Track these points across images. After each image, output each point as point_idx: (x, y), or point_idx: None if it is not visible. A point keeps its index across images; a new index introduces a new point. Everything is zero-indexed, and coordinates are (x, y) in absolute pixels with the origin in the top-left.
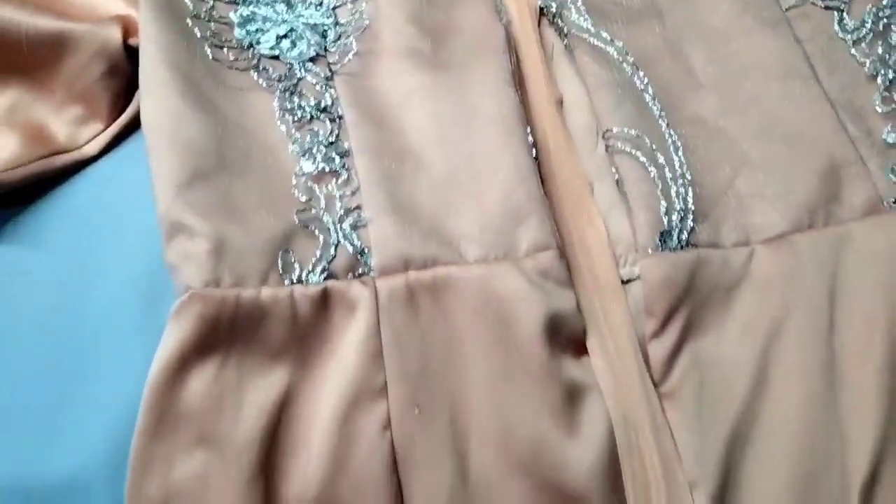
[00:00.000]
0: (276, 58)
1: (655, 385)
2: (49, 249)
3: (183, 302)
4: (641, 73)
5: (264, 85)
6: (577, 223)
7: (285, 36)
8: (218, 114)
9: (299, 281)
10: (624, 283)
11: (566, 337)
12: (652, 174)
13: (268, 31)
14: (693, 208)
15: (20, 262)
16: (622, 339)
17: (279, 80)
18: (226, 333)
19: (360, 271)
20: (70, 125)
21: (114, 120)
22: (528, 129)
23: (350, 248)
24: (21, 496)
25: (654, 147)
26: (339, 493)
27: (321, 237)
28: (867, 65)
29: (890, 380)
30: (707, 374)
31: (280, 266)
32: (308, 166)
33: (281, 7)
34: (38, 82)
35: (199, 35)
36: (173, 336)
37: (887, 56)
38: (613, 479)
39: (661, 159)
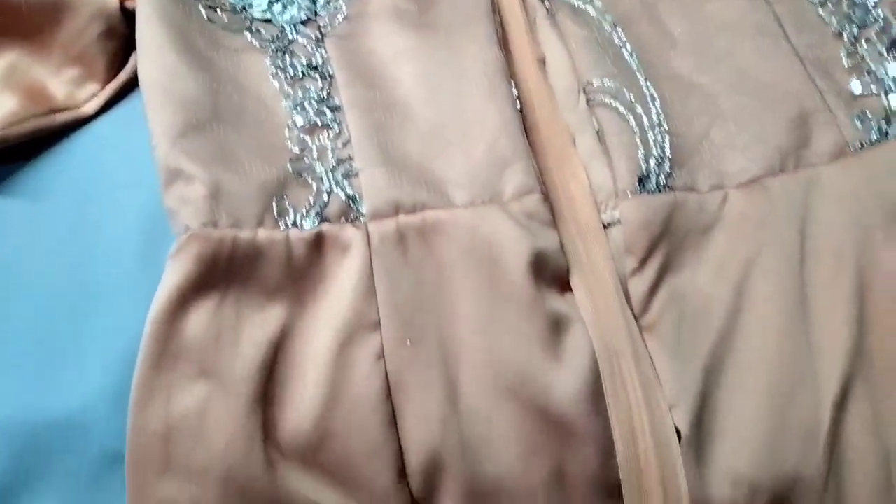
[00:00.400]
0: (268, 21)
1: (636, 318)
2: (51, 200)
3: (181, 242)
4: (620, 31)
5: (257, 46)
6: (561, 173)
7: (277, 0)
8: (213, 70)
9: (294, 225)
10: (605, 227)
11: (551, 274)
12: (630, 123)
13: None
14: (670, 156)
15: (22, 213)
16: (604, 276)
17: (271, 42)
18: (223, 273)
19: (352, 217)
20: (68, 85)
21: (111, 80)
22: (513, 86)
23: (342, 195)
24: (25, 432)
25: (632, 98)
26: (335, 420)
27: (314, 185)
28: (833, 23)
29: (858, 308)
30: (685, 308)
31: (275, 211)
32: (300, 120)
33: None
34: (36, 45)
35: None
36: (173, 274)
37: (852, 13)
38: (596, 403)
39: (639, 109)
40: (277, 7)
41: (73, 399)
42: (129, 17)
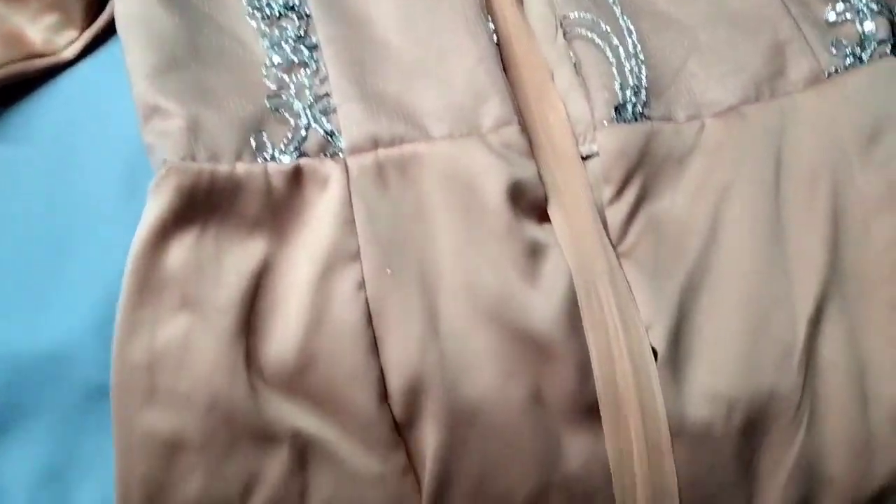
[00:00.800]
0: None
1: (613, 245)
2: (33, 142)
3: (160, 175)
4: None
5: None
6: (539, 106)
7: None
8: (190, 9)
9: (272, 159)
10: (584, 159)
11: (528, 203)
12: (607, 54)
13: None
14: (646, 85)
15: (4, 154)
16: (581, 205)
17: None
18: (203, 205)
19: (330, 151)
20: (47, 32)
21: (89, 26)
22: (490, 21)
23: (320, 131)
24: (11, 366)
25: (608, 30)
26: (317, 348)
27: (292, 121)
28: None
29: (832, 228)
30: (662, 234)
31: (253, 145)
32: (278, 58)
33: None
34: None
35: None
36: (153, 208)
37: None
38: (574, 325)
39: (616, 41)
40: None
41: (58, 333)
42: None
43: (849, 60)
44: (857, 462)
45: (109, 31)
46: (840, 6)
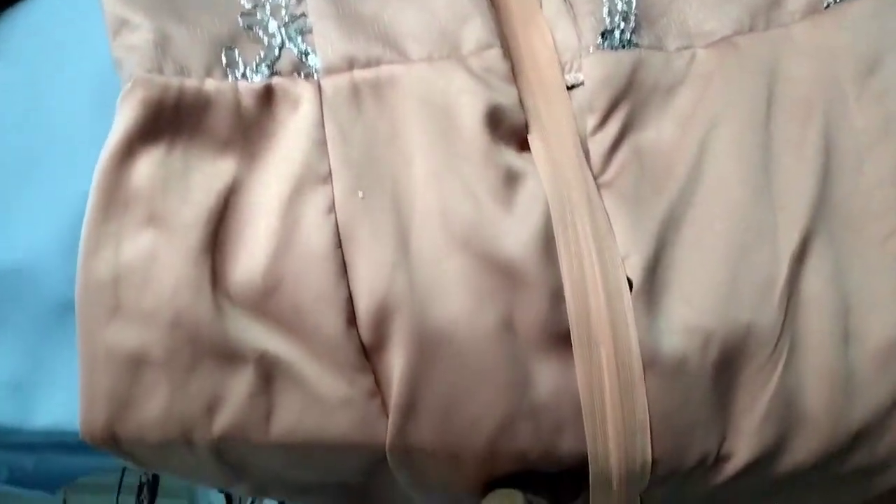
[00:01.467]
0: None
1: (595, 176)
2: (4, 60)
3: (126, 89)
4: None
5: None
6: (525, 33)
7: None
8: None
9: (243, 77)
10: (570, 89)
11: (507, 129)
12: None
13: None
14: (636, 12)
15: None
16: (563, 133)
17: None
18: (170, 121)
19: (304, 72)
20: None
21: None
22: None
23: (294, 50)
24: None
25: None
26: (284, 270)
27: (265, 39)
28: None
29: (823, 162)
30: (646, 164)
31: (224, 62)
32: None
33: None
34: None
35: None
36: (120, 122)
37: None
38: (548, 253)
39: None
40: None
41: (24, 247)
42: None
43: None
44: (837, 399)
45: None
46: None
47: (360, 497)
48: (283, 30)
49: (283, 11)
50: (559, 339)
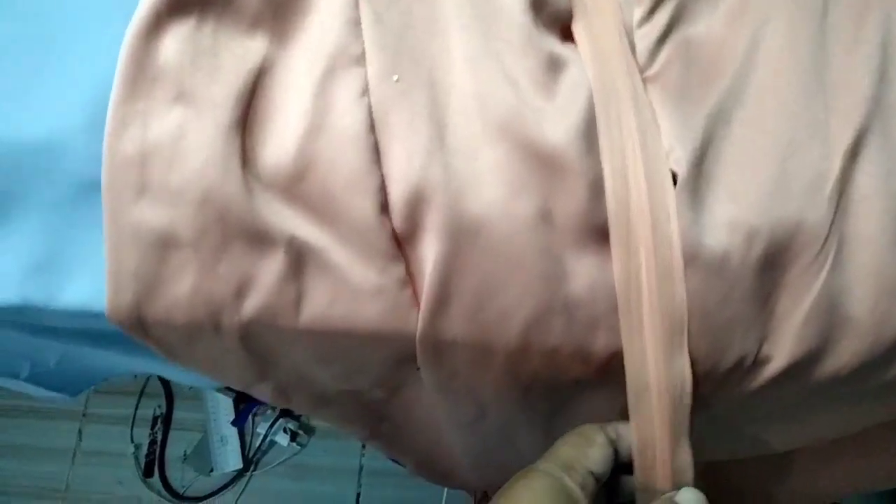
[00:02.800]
0: None
1: (641, 69)
2: None
3: None
4: None
5: None
6: None
7: None
8: None
9: None
10: None
11: (551, 15)
12: None
13: None
14: None
15: None
16: (609, 24)
17: None
18: None
19: None
20: None
21: None
22: None
23: None
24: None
25: None
26: (316, 152)
27: None
28: None
29: (880, 60)
30: (693, 59)
31: None
32: None
33: None
34: None
35: None
36: None
37: None
38: (589, 143)
39: None
40: None
41: (46, 125)
42: None
43: None
44: (883, 303)
45: None
46: None
47: (378, 417)
48: None
49: None
50: (597, 233)
